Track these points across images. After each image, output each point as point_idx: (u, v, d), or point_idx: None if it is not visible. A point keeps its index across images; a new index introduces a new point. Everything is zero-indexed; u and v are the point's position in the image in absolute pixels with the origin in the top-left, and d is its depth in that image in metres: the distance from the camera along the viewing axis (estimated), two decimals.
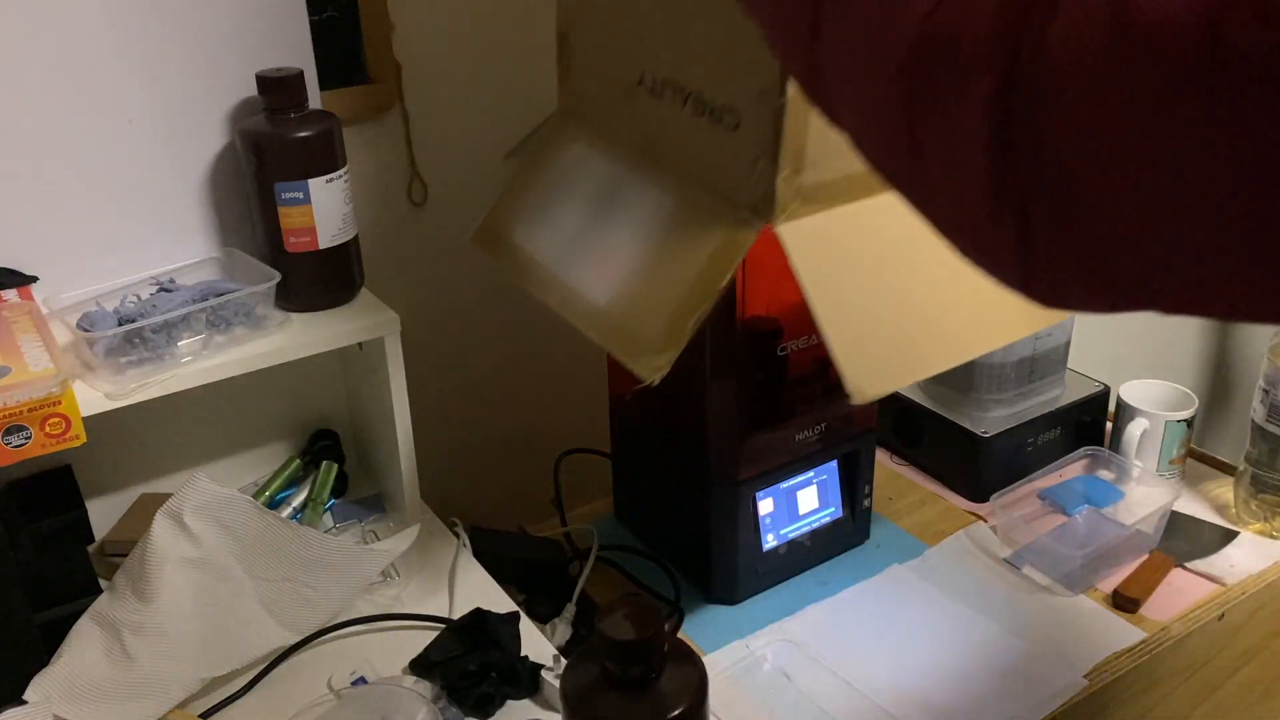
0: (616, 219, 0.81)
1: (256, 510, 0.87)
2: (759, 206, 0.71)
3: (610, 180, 0.83)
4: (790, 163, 0.69)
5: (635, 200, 0.80)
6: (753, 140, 0.70)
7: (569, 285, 0.81)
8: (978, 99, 0.31)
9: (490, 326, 1.18)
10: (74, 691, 0.77)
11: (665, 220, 0.77)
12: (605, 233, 0.81)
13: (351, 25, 0.99)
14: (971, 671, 0.90)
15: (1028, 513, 1.09)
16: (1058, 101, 0.29)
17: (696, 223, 0.75)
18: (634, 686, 0.65)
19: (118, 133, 0.89)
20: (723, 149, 0.73)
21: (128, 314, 0.85)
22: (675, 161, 0.78)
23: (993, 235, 0.34)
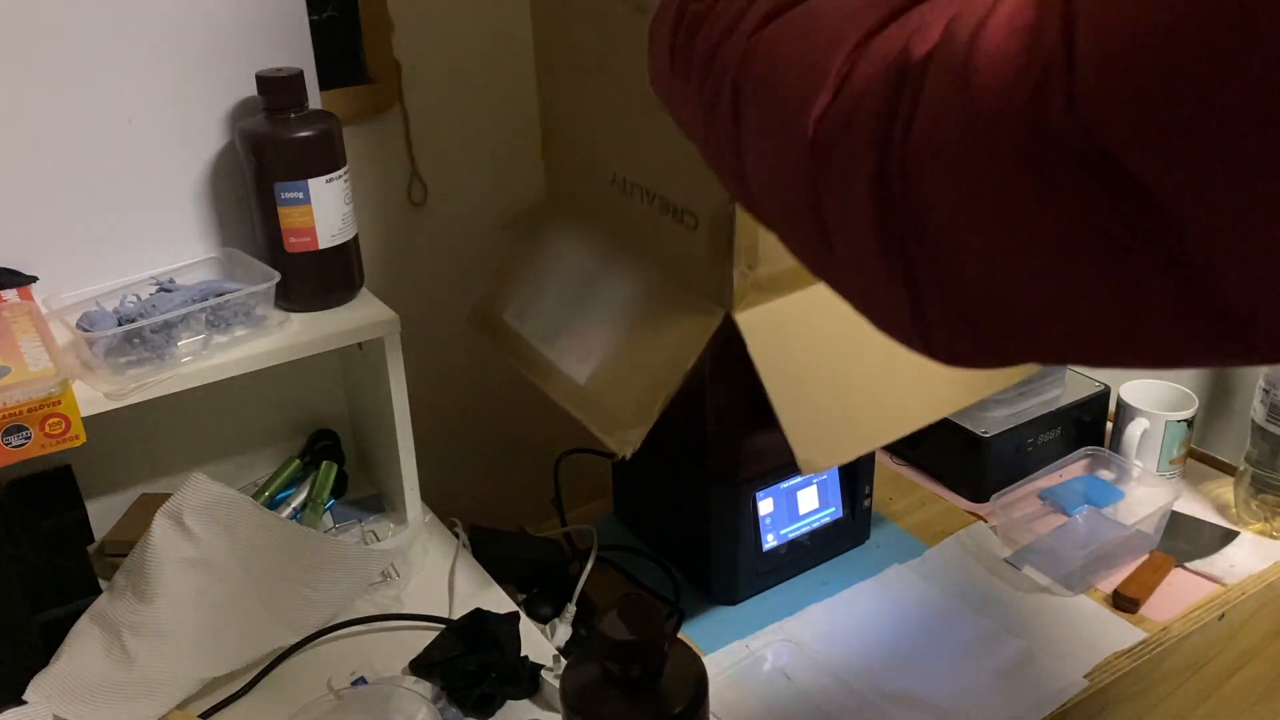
0: (594, 304, 0.88)
1: (256, 510, 0.87)
2: (719, 297, 0.78)
3: (589, 267, 0.90)
4: (744, 259, 0.76)
5: (611, 287, 0.87)
6: (710, 239, 0.77)
7: (552, 364, 0.88)
8: (863, 179, 0.35)
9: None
10: (74, 691, 0.77)
11: (637, 307, 0.84)
12: (584, 316, 0.88)
13: (351, 25, 0.99)
14: (971, 671, 0.90)
15: (1028, 513, 1.09)
16: (923, 179, 0.34)
17: (664, 310, 0.82)
18: (634, 686, 0.65)
19: (118, 132, 0.89)
20: (685, 245, 0.79)
21: (127, 314, 0.85)
22: (646, 253, 0.85)
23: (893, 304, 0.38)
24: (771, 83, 0.40)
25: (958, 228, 0.33)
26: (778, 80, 0.40)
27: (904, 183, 0.34)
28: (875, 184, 0.35)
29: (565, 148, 0.93)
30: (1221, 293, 0.28)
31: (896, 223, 0.35)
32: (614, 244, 0.89)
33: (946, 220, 0.34)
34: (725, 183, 0.48)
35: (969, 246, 0.34)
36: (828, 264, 0.41)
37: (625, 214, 0.86)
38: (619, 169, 0.85)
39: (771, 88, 0.40)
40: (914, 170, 0.34)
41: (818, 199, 0.39)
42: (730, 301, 0.77)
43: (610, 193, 0.87)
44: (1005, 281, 0.33)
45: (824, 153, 0.38)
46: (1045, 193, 0.30)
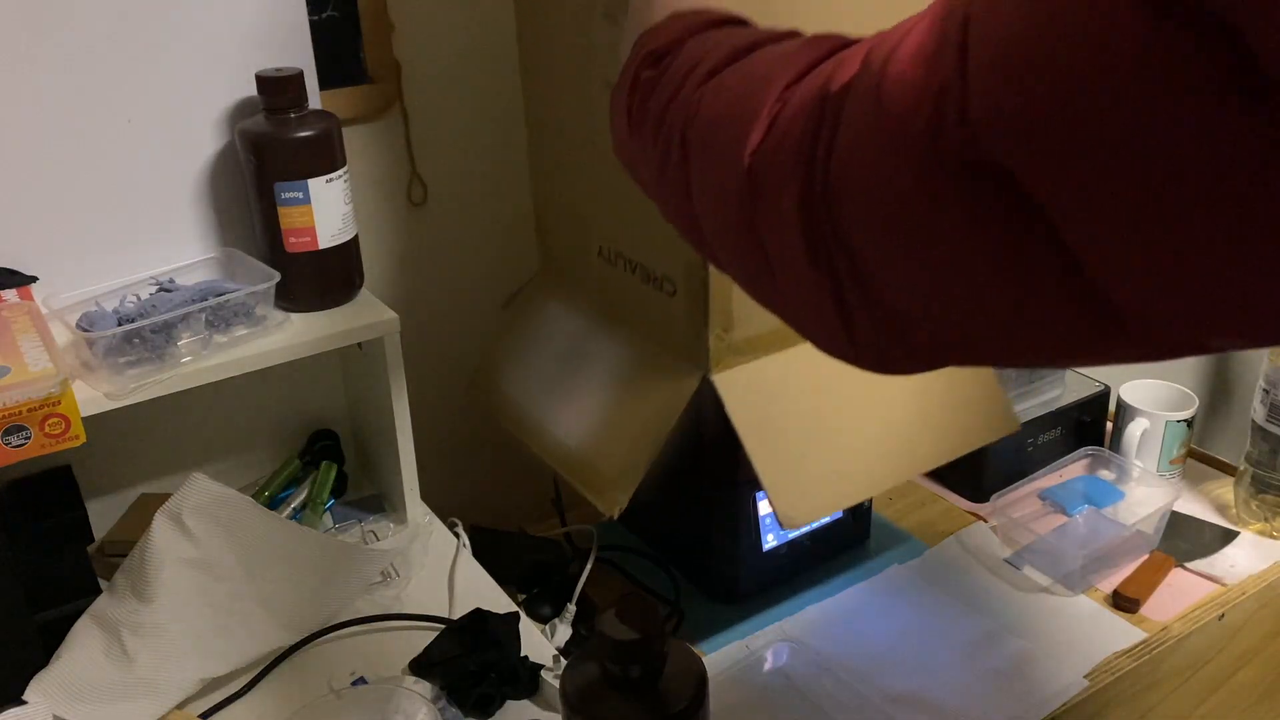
0: (583, 370, 0.92)
1: (256, 510, 0.87)
2: (698, 360, 0.82)
3: (578, 335, 0.95)
4: (720, 323, 0.80)
5: (598, 353, 0.92)
6: (687, 305, 0.81)
7: (545, 428, 0.93)
8: (791, 200, 0.40)
9: (490, 326, 1.18)
10: (74, 691, 0.77)
11: (622, 372, 0.89)
12: (574, 382, 0.92)
13: (351, 25, 0.99)
14: (972, 671, 0.90)
15: (1028, 513, 1.08)
16: (842, 196, 0.38)
17: (647, 374, 0.87)
18: (634, 686, 0.65)
19: (117, 133, 0.89)
20: (665, 311, 0.84)
21: (127, 314, 0.85)
22: (630, 320, 0.89)
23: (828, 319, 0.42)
24: (713, 127, 0.45)
25: (874, 238, 0.37)
26: (718, 124, 0.45)
27: (826, 201, 0.38)
28: (802, 204, 0.39)
29: (556, 221, 0.98)
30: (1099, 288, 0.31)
31: (822, 239, 0.39)
32: (601, 313, 0.93)
33: (864, 232, 0.38)
34: (682, 231, 0.52)
35: (884, 255, 0.37)
36: (772, 291, 0.45)
37: (611, 284, 0.90)
38: (604, 241, 0.90)
39: (713, 131, 0.45)
40: (835, 188, 0.38)
41: (756, 226, 0.43)
42: (708, 364, 0.81)
43: (597, 264, 0.92)
44: (917, 287, 0.37)
45: (757, 181, 0.42)
46: (944, 199, 0.33)
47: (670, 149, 0.49)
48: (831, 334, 0.43)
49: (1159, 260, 0.29)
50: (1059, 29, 0.29)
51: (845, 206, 0.38)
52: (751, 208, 0.43)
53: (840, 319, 0.41)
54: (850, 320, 0.41)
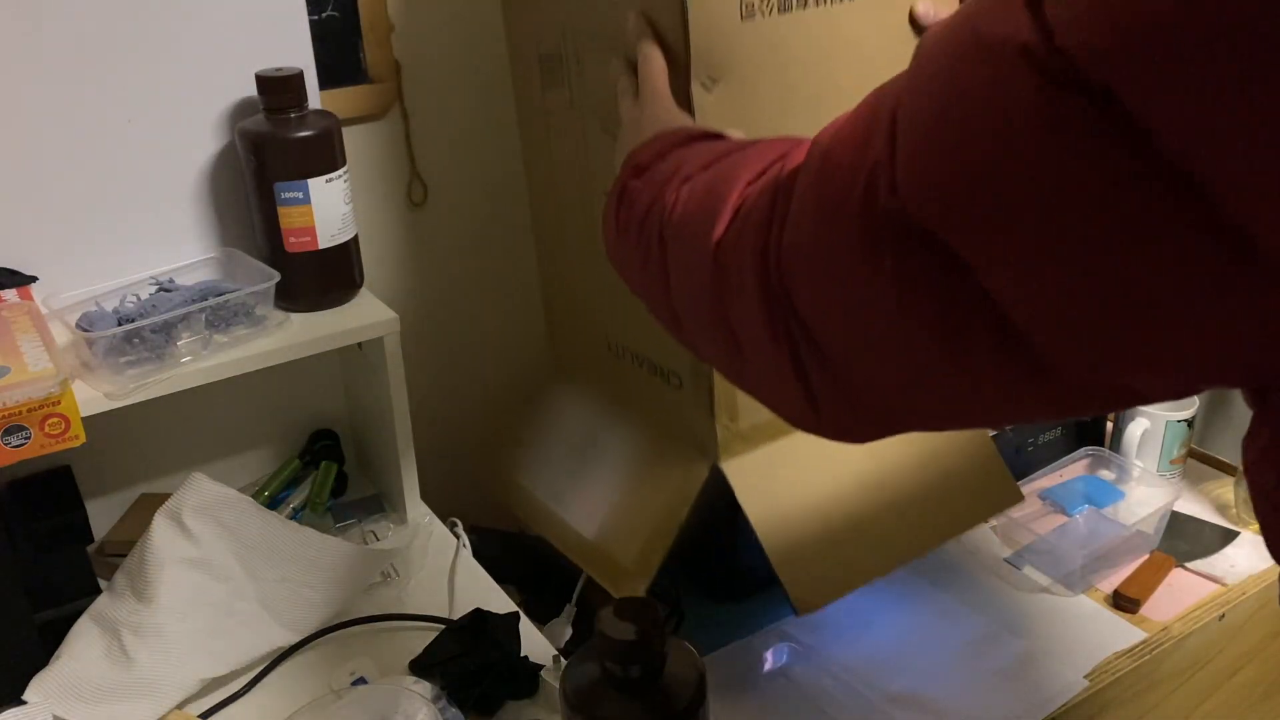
0: (596, 460, 0.95)
1: (256, 510, 0.87)
2: (707, 450, 0.84)
3: (591, 426, 0.97)
4: (725, 413, 0.82)
5: (610, 443, 0.94)
6: (694, 397, 0.84)
7: (563, 520, 0.94)
8: (751, 278, 0.44)
9: (490, 326, 1.18)
10: (74, 691, 0.77)
11: (634, 462, 0.91)
12: (587, 472, 0.94)
13: (351, 25, 0.99)
14: (971, 671, 0.90)
15: (1028, 513, 1.08)
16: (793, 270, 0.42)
17: (658, 464, 0.89)
18: (634, 686, 0.65)
19: (117, 132, 0.89)
20: (673, 403, 0.86)
21: (127, 314, 0.85)
22: (640, 411, 0.92)
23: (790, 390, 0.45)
24: (685, 223, 0.51)
25: (821, 305, 0.41)
26: (690, 220, 0.50)
27: (780, 273, 0.42)
28: (760, 280, 0.44)
29: (565, 318, 1.02)
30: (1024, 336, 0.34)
31: (780, 311, 0.43)
32: (612, 402, 0.96)
33: (812, 300, 0.42)
34: (664, 323, 0.57)
35: (832, 321, 0.41)
36: (743, 370, 0.49)
37: (620, 376, 0.93)
38: (612, 336, 0.93)
39: (685, 226, 0.51)
40: (786, 261, 0.42)
41: (723, 308, 0.48)
42: (716, 453, 0.84)
43: (606, 357, 0.94)
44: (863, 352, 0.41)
45: (723, 266, 0.47)
46: (880, 260, 0.37)
47: (650, 247, 0.54)
48: (796, 405, 0.46)
49: (1070, 306, 0.32)
50: (968, 110, 0.33)
51: (796, 278, 0.42)
52: (719, 291, 0.47)
53: (802, 388, 0.44)
54: (810, 389, 0.44)
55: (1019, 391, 0.37)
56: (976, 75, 0.32)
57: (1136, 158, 0.29)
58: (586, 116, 0.85)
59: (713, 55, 0.71)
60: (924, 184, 0.35)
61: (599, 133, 0.83)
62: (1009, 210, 0.32)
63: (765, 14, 0.72)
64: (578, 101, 0.85)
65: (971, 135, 0.33)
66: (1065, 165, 0.30)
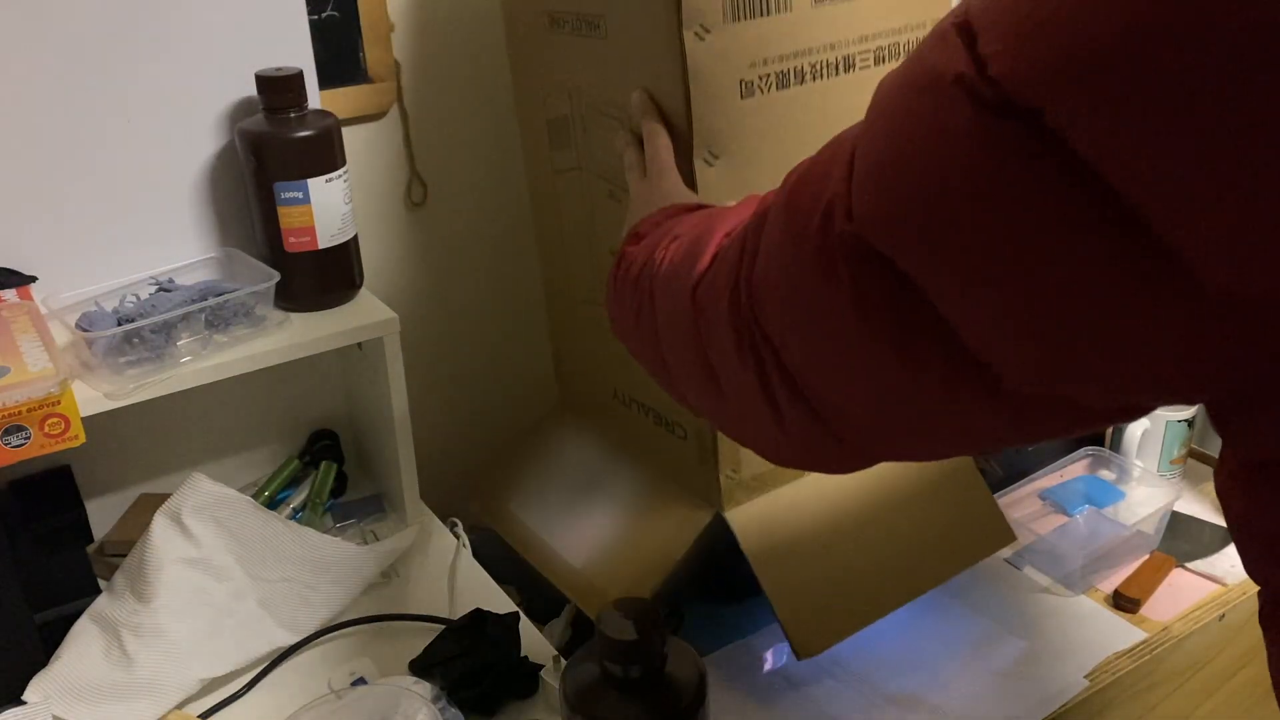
0: (596, 497, 0.96)
1: (256, 510, 0.87)
2: (710, 498, 0.87)
3: (594, 465, 0.99)
4: (729, 464, 0.85)
5: (612, 484, 0.96)
6: (698, 448, 0.86)
7: (552, 548, 0.96)
8: (723, 305, 0.48)
9: (490, 326, 1.18)
10: (73, 691, 0.77)
11: (635, 503, 0.93)
12: (586, 508, 0.96)
13: (351, 25, 0.99)
14: (972, 671, 0.90)
15: (1028, 513, 1.08)
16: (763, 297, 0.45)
17: (660, 506, 0.91)
18: (634, 686, 0.65)
19: (117, 132, 0.89)
20: (678, 452, 0.89)
21: (127, 314, 0.85)
22: (644, 456, 0.94)
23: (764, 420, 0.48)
24: (672, 275, 0.55)
25: (785, 326, 0.44)
26: (674, 272, 0.55)
27: (750, 301, 0.46)
28: (732, 308, 0.47)
29: (573, 364, 1.04)
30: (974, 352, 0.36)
31: (747, 333, 0.46)
32: (617, 447, 0.98)
33: (777, 322, 0.45)
34: (654, 374, 0.61)
35: (795, 340, 0.44)
36: (722, 406, 0.52)
37: (626, 422, 0.96)
38: (618, 385, 0.95)
39: (670, 278, 0.55)
40: (756, 290, 0.45)
41: (701, 343, 0.51)
42: (720, 502, 0.86)
43: (613, 404, 0.97)
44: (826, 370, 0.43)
45: (700, 305, 0.51)
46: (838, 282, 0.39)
47: (643, 302, 0.59)
48: (766, 429, 0.49)
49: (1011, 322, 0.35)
50: (913, 139, 0.35)
51: (764, 303, 0.45)
52: (698, 329, 0.51)
53: (771, 410, 0.47)
54: (779, 411, 0.47)
55: (974, 408, 0.39)
56: (920, 107, 0.35)
57: (1066, 176, 0.31)
58: (594, 180, 0.87)
59: (714, 132, 0.74)
60: (875, 210, 0.37)
61: (605, 197, 0.86)
62: (951, 231, 0.34)
63: (765, 91, 0.75)
64: (585, 165, 0.88)
65: (916, 162, 0.35)
66: (1001, 185, 0.32)
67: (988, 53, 0.32)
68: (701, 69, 0.72)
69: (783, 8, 0.74)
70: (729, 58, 0.73)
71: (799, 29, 0.75)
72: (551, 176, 0.94)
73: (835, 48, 0.78)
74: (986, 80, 0.32)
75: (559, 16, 0.83)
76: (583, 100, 0.85)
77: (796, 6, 0.74)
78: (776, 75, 0.75)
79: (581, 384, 1.03)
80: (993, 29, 0.32)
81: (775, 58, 0.75)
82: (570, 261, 0.96)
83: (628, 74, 0.77)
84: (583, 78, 0.84)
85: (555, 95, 0.88)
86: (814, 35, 0.76)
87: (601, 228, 0.89)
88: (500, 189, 1.13)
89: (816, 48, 0.76)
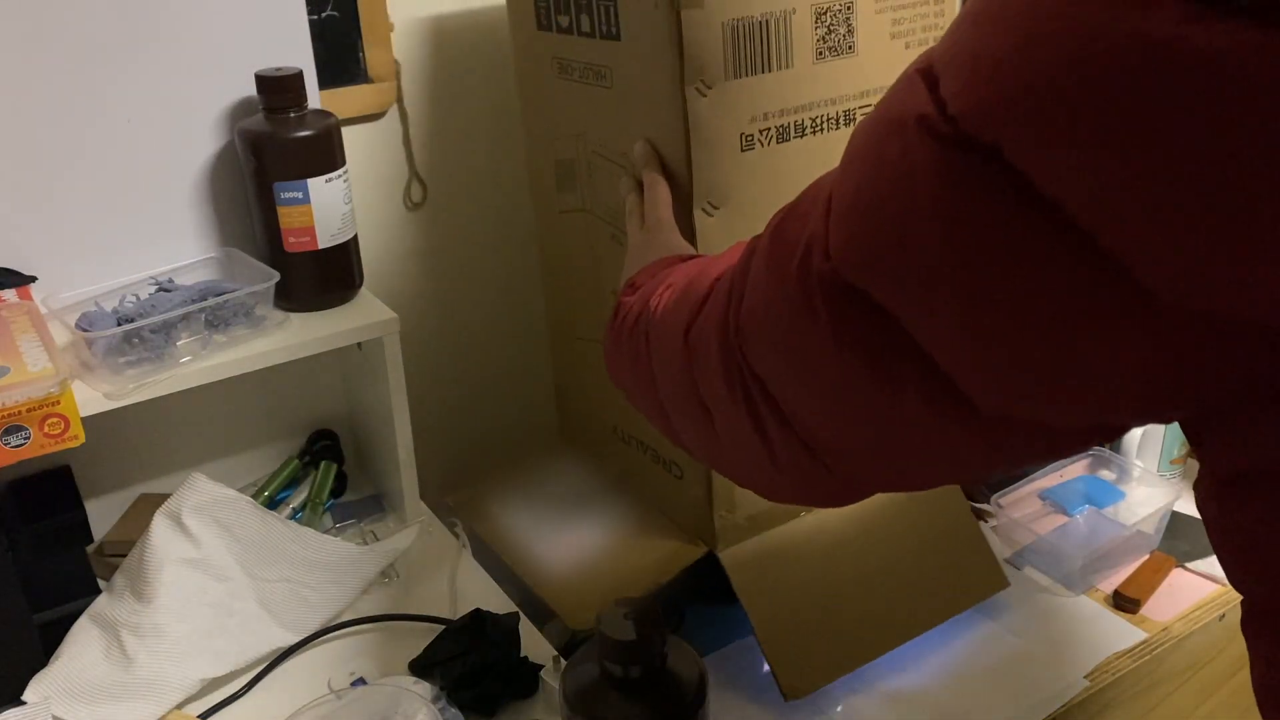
0: (587, 516, 0.98)
1: (256, 510, 0.87)
2: (704, 537, 0.88)
3: (589, 489, 1.01)
4: (723, 505, 0.86)
5: (607, 507, 0.98)
6: (693, 489, 0.88)
7: (531, 550, 0.96)
8: (714, 346, 0.50)
9: (489, 326, 1.18)
10: (73, 691, 0.77)
11: (627, 528, 0.95)
12: (574, 523, 0.97)
13: (351, 25, 0.99)
14: (971, 671, 0.90)
15: (1028, 513, 1.08)
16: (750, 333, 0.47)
17: (652, 535, 0.92)
18: (634, 686, 0.65)
19: (117, 132, 0.89)
20: (674, 490, 0.91)
21: (127, 314, 0.85)
22: (641, 490, 0.96)
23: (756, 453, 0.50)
24: (666, 319, 0.58)
25: (770, 359, 0.46)
26: (669, 316, 0.57)
27: (738, 337, 0.48)
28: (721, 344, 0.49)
29: (574, 398, 1.06)
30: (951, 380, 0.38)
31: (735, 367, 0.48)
32: (615, 477, 1.00)
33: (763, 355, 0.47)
34: (652, 418, 0.63)
35: (779, 372, 0.46)
36: (715, 443, 0.54)
37: (624, 458, 0.98)
38: (618, 422, 0.97)
39: (666, 323, 0.57)
40: (744, 326, 0.47)
41: (694, 383, 0.53)
42: (714, 542, 0.87)
43: (611, 440, 0.99)
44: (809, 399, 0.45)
45: (692, 345, 0.53)
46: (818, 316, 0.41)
47: (639, 348, 0.61)
48: (760, 465, 0.50)
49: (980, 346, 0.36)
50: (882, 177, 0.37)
51: (749, 337, 0.47)
52: (691, 368, 0.53)
53: (763, 444, 0.49)
54: (770, 444, 0.49)
55: (953, 432, 0.40)
56: (888, 148, 0.37)
57: (1025, 205, 0.32)
58: (598, 223, 0.88)
59: (714, 183, 0.75)
60: (849, 246, 0.40)
61: (609, 240, 0.87)
62: (920, 261, 0.36)
63: (765, 144, 0.77)
64: (589, 207, 0.89)
65: (886, 200, 0.37)
66: (965, 217, 0.34)
67: (948, 94, 0.34)
68: (702, 123, 0.73)
69: (784, 64, 0.75)
70: (730, 113, 0.74)
71: (800, 85, 0.77)
72: (557, 215, 0.95)
73: (836, 103, 0.79)
74: (947, 119, 0.34)
75: (567, 64, 0.85)
76: (588, 145, 0.86)
77: (798, 63, 0.76)
78: (777, 129, 0.77)
79: (581, 418, 1.05)
80: (952, 71, 0.34)
81: (776, 112, 0.76)
82: (573, 298, 0.98)
83: (631, 124, 0.79)
84: (588, 124, 0.85)
85: (562, 139, 0.90)
86: (815, 91, 0.78)
87: (605, 269, 0.90)
88: (500, 188, 1.13)
89: (817, 102, 0.78)
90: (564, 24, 0.83)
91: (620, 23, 0.76)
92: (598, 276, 0.92)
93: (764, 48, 0.74)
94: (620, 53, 0.78)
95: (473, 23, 1.05)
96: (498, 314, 1.18)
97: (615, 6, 0.76)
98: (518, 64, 0.93)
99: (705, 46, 0.71)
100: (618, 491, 0.99)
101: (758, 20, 0.73)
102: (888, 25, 0.80)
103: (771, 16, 0.73)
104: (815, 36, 0.76)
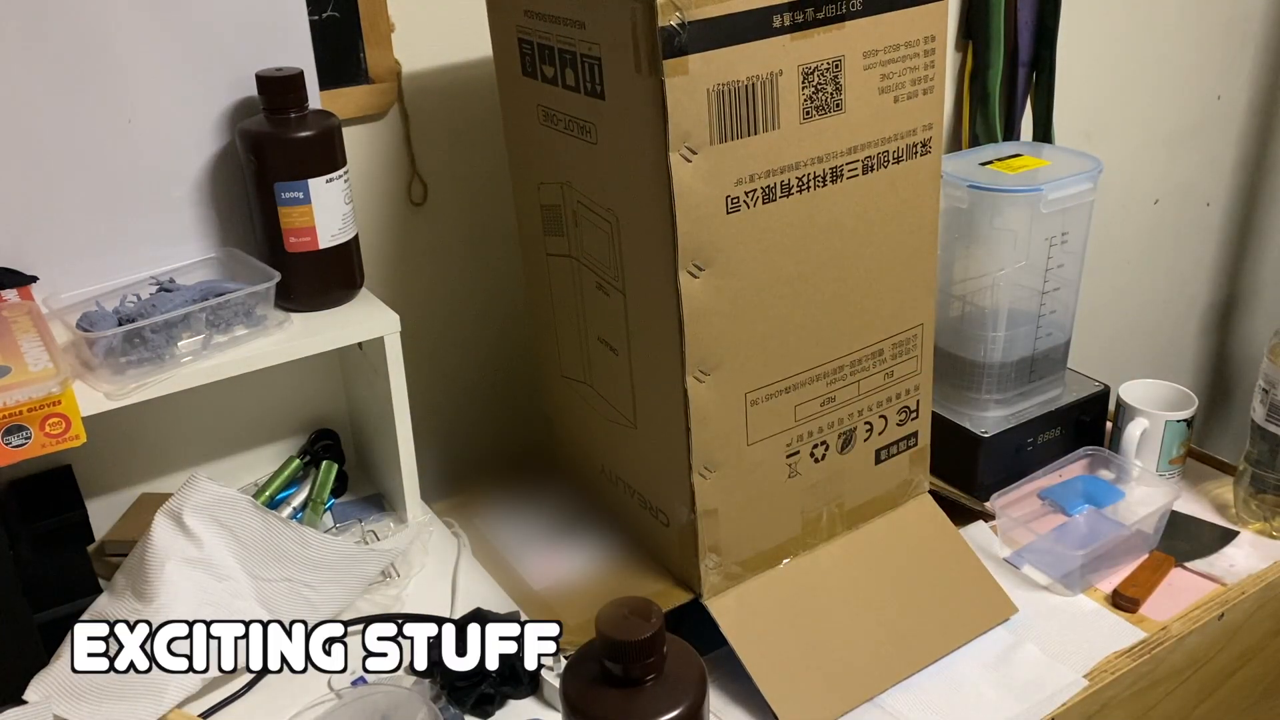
0: (574, 542, 0.97)
1: (256, 510, 0.87)
2: (691, 583, 0.88)
3: (579, 520, 1.00)
4: (709, 554, 0.86)
5: (597, 538, 0.97)
6: (680, 537, 0.87)
7: (513, 567, 0.97)
8: None
9: (490, 326, 1.18)
10: (74, 691, 0.77)
11: (614, 562, 0.94)
12: (561, 546, 0.97)
13: (351, 25, 0.99)
14: (972, 671, 0.90)
15: (1028, 513, 1.08)
16: None
17: (640, 573, 0.92)
18: (634, 686, 0.65)
19: (117, 132, 0.89)
20: (661, 536, 0.90)
21: (127, 314, 0.85)
22: (631, 532, 0.96)
23: None
24: None
25: None
26: None
27: None
28: None
29: (565, 433, 1.05)
30: None
31: None
32: (607, 515, 0.99)
33: None
34: None
35: None
36: None
37: (614, 498, 0.97)
38: (606, 464, 0.97)
39: None
40: None
41: None
42: (700, 589, 0.87)
43: (601, 479, 0.99)
44: None
45: None
46: None
47: None
48: None
49: None
50: None
51: None
52: None
53: None
54: None
55: None
56: None
57: None
58: (583, 270, 0.88)
59: (699, 246, 0.75)
60: None
61: (594, 288, 0.87)
62: None
63: (749, 206, 0.76)
64: (575, 254, 0.89)
65: None
66: None
67: None
68: (687, 188, 0.72)
69: (771, 126, 0.74)
70: (715, 177, 0.73)
71: (787, 145, 0.76)
72: (544, 258, 0.95)
73: (823, 160, 0.78)
74: None
75: (552, 113, 0.84)
76: (574, 194, 0.86)
77: (785, 124, 0.75)
78: (763, 190, 0.76)
79: (573, 454, 1.04)
80: None
81: (762, 173, 0.75)
82: (560, 338, 0.97)
83: (616, 182, 0.79)
84: (573, 174, 0.85)
85: (548, 185, 0.89)
86: (802, 150, 0.77)
87: (591, 316, 0.90)
88: (500, 188, 1.13)
89: (804, 161, 0.77)
90: (549, 74, 0.82)
91: (605, 83, 0.75)
92: (584, 321, 0.91)
93: (750, 111, 0.72)
94: (605, 111, 0.76)
95: (473, 23, 1.05)
96: (498, 313, 1.18)
97: (600, 66, 0.75)
98: (504, 105, 0.93)
99: (690, 113, 0.70)
100: (608, 524, 0.98)
101: (743, 84, 0.71)
102: (876, 80, 0.77)
103: (758, 80, 0.72)
104: (803, 96, 0.74)
